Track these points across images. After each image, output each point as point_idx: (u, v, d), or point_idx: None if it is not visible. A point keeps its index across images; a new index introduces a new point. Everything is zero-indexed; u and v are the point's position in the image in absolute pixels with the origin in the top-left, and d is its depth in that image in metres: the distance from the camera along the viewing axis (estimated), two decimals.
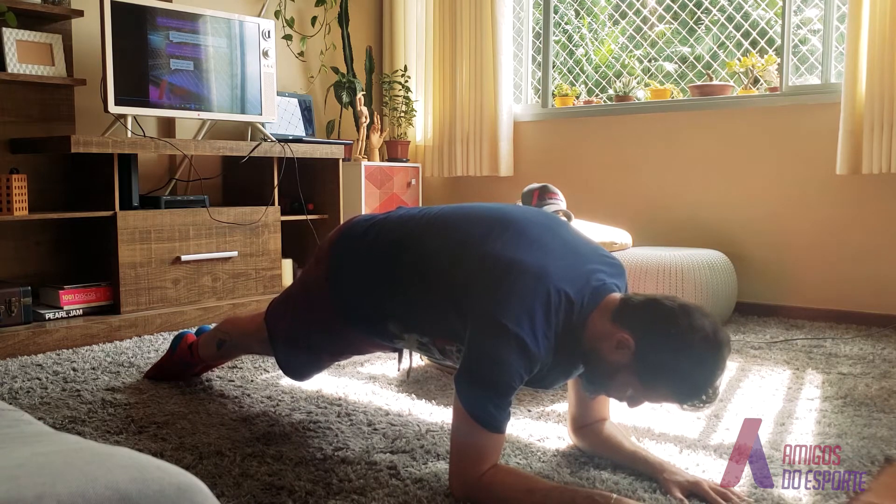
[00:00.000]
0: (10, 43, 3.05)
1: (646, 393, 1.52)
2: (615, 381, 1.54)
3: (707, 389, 1.48)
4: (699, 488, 1.55)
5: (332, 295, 1.85)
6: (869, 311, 3.37)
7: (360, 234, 1.83)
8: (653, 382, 1.50)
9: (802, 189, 3.52)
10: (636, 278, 3.35)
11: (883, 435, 1.92)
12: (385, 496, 1.56)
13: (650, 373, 1.49)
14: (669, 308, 1.49)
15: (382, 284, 1.75)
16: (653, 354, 1.47)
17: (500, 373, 1.48)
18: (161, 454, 1.80)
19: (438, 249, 1.68)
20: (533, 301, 1.50)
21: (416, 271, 1.69)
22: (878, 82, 3.15)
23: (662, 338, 1.47)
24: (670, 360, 1.46)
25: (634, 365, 1.49)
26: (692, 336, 1.46)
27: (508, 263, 1.55)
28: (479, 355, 1.51)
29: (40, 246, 3.24)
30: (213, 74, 3.52)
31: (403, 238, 1.75)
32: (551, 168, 4.20)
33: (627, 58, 4.46)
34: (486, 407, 1.49)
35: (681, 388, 1.48)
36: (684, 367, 1.46)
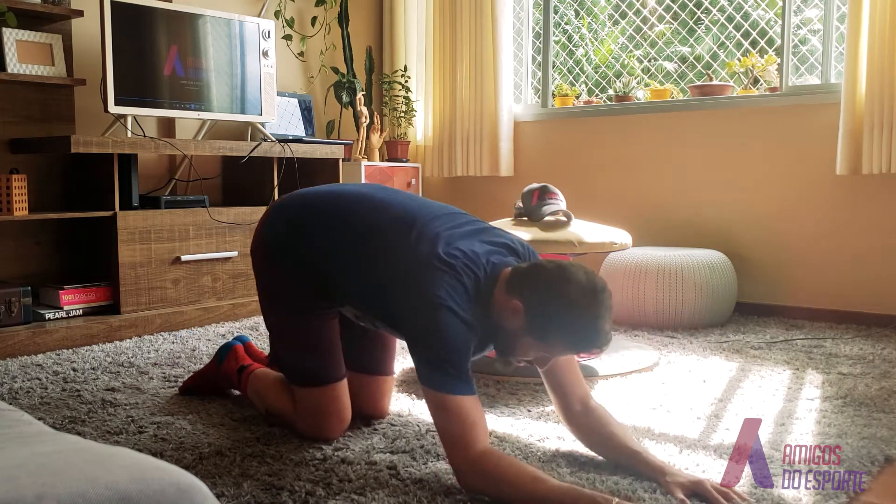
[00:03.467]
0: (10, 43, 3.05)
1: (547, 349, 1.64)
2: (518, 346, 1.66)
3: (596, 334, 1.59)
4: (701, 488, 1.56)
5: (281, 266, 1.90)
6: (869, 311, 3.37)
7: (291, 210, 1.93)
8: (547, 338, 1.61)
9: (802, 189, 3.52)
10: (636, 278, 3.35)
11: (883, 435, 1.92)
12: (385, 496, 1.56)
13: (542, 331, 1.61)
14: (548, 269, 1.64)
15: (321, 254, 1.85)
16: (540, 314, 1.60)
17: (447, 342, 1.58)
18: (161, 454, 1.80)
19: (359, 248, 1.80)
20: (450, 282, 1.63)
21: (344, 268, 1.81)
22: (878, 82, 3.15)
23: (545, 297, 1.60)
24: (555, 316, 1.59)
25: (527, 327, 1.62)
26: (569, 289, 1.59)
27: (426, 257, 1.68)
28: (422, 337, 1.62)
29: (40, 246, 3.24)
30: (213, 74, 3.52)
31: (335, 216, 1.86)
32: (551, 168, 4.20)
33: (627, 58, 4.46)
34: (448, 380, 1.57)
35: (572, 338, 1.61)
36: (569, 319, 1.59)
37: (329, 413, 1.89)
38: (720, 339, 3.10)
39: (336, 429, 1.90)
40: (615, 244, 2.62)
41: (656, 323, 3.32)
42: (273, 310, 1.97)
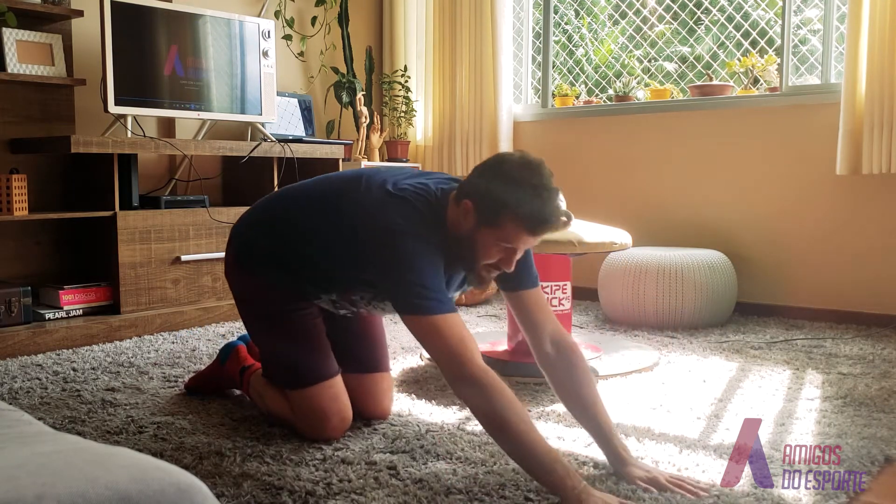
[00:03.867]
0: (10, 43, 3.05)
1: (504, 236, 1.65)
2: (479, 249, 1.68)
3: (542, 203, 1.63)
4: (657, 483, 1.60)
5: (254, 272, 1.95)
6: (869, 311, 3.37)
7: (248, 224, 2.01)
8: (499, 221, 1.64)
9: (802, 189, 3.52)
10: (636, 278, 3.35)
11: (883, 435, 1.92)
12: (385, 496, 1.56)
13: (492, 214, 1.64)
14: (487, 162, 1.72)
15: (288, 257, 1.90)
16: (486, 198, 1.65)
17: (415, 265, 1.63)
18: (161, 454, 1.80)
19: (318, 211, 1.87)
20: (404, 210, 1.70)
21: (308, 243, 1.86)
22: (878, 82, 3.15)
23: (487, 182, 1.67)
24: (500, 193, 1.63)
25: (479, 217, 1.66)
26: (506, 167, 1.67)
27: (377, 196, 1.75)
28: (391, 270, 1.67)
29: (40, 246, 3.24)
30: (213, 74, 3.52)
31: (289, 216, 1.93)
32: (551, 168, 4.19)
33: (627, 58, 4.46)
34: (423, 302, 1.61)
35: (521, 211, 1.62)
36: (513, 191, 1.63)
37: (328, 413, 1.88)
38: (720, 339, 3.10)
39: (337, 428, 1.90)
40: (615, 244, 2.62)
41: (656, 323, 3.32)
42: (256, 320, 1.99)
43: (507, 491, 1.59)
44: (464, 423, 2.03)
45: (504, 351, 2.75)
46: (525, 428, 1.51)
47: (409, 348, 2.91)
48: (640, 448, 1.84)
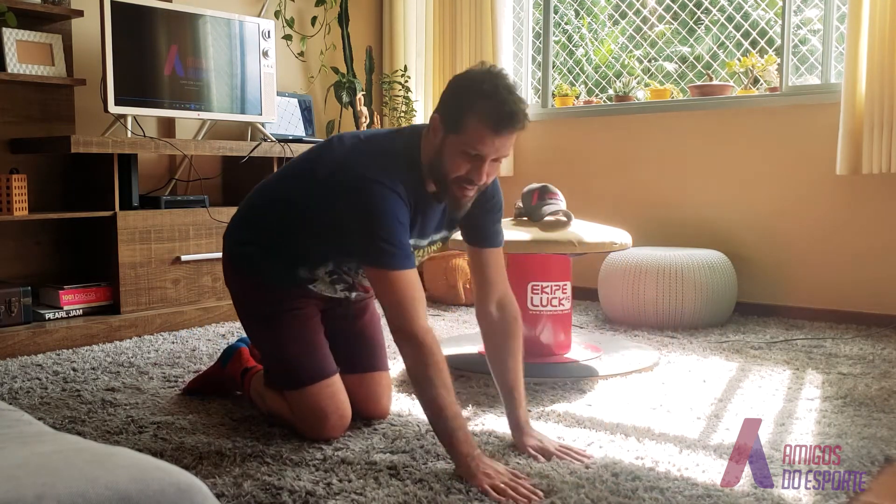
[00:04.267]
0: (10, 43, 3.05)
1: (470, 144, 1.67)
2: (447, 162, 1.71)
3: (502, 98, 1.65)
4: (545, 451, 1.77)
5: (248, 271, 1.97)
6: (869, 311, 3.37)
7: (236, 223, 2.03)
8: (464, 128, 1.67)
9: (802, 189, 3.52)
10: (636, 278, 3.35)
11: (883, 435, 1.92)
12: (385, 496, 1.56)
13: (457, 124, 1.68)
14: (452, 77, 1.78)
15: (276, 240, 1.92)
16: (449, 105, 1.71)
17: (381, 218, 1.68)
18: (161, 454, 1.80)
19: (294, 185, 1.92)
20: (374, 155, 1.77)
21: (290, 214, 1.89)
22: (878, 82, 3.15)
23: (451, 92, 1.73)
24: (462, 100, 1.69)
25: (444, 125, 1.71)
26: (466, 75, 1.73)
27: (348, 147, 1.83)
28: (358, 222, 1.71)
29: (40, 246, 3.24)
30: (213, 74, 3.52)
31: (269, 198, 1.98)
32: (551, 168, 4.20)
33: (627, 58, 4.46)
34: (385, 257, 1.68)
35: (484, 113, 1.65)
36: (472, 92, 1.67)
37: (326, 412, 1.88)
38: (720, 339, 3.10)
39: (336, 427, 1.90)
40: (615, 244, 2.62)
41: (656, 323, 3.32)
42: (253, 322, 2.00)
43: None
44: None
45: None
46: (442, 392, 1.64)
47: None
48: (640, 448, 1.84)
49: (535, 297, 2.67)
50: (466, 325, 3.38)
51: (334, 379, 1.93)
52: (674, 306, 3.28)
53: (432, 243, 1.97)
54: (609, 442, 1.88)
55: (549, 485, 1.61)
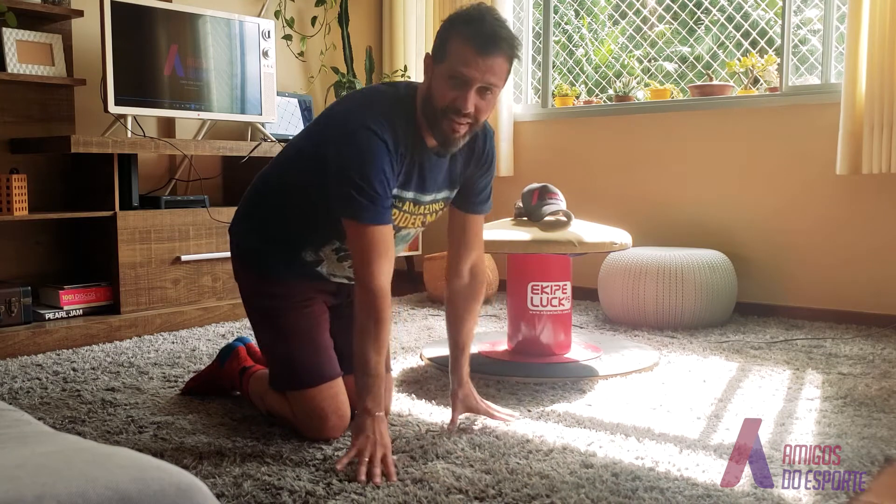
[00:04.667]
0: (10, 43, 3.05)
1: (454, 67, 1.68)
2: (435, 90, 1.72)
3: (486, 24, 1.67)
4: (473, 409, 1.99)
5: (253, 266, 1.98)
6: (869, 311, 3.37)
7: (238, 214, 2.04)
8: (449, 53, 1.69)
9: (802, 189, 3.52)
10: (636, 278, 3.35)
11: (883, 435, 1.92)
12: (385, 496, 1.56)
13: (442, 52, 1.71)
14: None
15: (279, 226, 1.93)
16: (437, 43, 1.74)
17: (359, 164, 1.68)
18: (161, 454, 1.80)
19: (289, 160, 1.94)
20: (366, 102, 1.79)
21: (290, 193, 1.89)
22: (878, 82, 3.15)
23: (441, 27, 1.75)
24: (446, 30, 1.71)
25: (434, 58, 1.73)
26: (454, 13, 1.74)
27: (348, 96, 1.90)
28: (339, 167, 1.72)
29: (40, 246, 3.24)
30: (213, 74, 3.52)
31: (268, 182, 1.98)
32: (551, 168, 4.20)
33: (627, 58, 4.46)
34: (360, 210, 1.69)
35: (465, 33, 1.67)
36: (456, 23, 1.70)
37: (327, 414, 1.88)
38: (720, 339, 3.10)
39: (336, 427, 1.89)
40: (615, 244, 2.62)
41: (656, 323, 3.32)
42: (260, 319, 1.99)
43: (507, 490, 1.59)
44: (463, 422, 2.03)
45: (504, 351, 2.75)
46: (372, 348, 1.71)
47: (409, 348, 2.91)
48: (640, 448, 1.84)
49: (535, 297, 2.67)
50: None
51: (336, 381, 1.92)
52: (674, 306, 3.28)
53: (435, 202, 1.92)
54: (609, 442, 1.88)
55: (550, 485, 1.61)
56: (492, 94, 1.73)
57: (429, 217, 1.94)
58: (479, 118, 1.75)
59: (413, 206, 1.86)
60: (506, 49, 1.69)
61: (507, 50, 1.70)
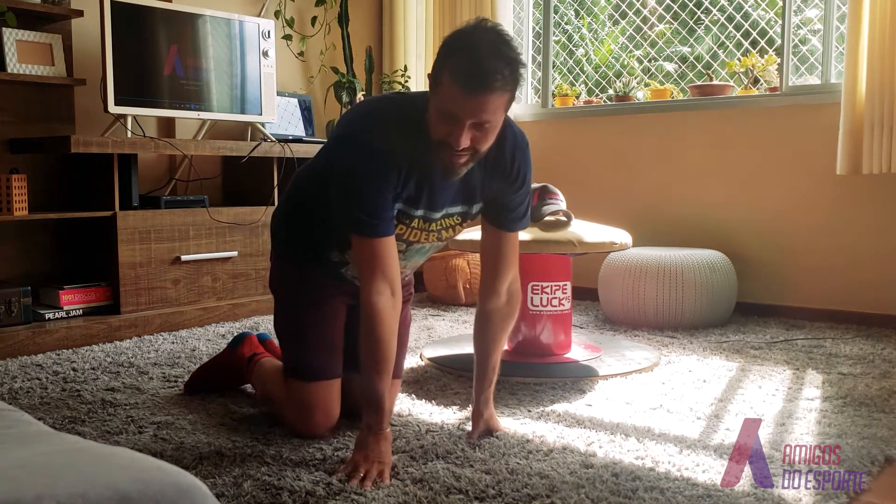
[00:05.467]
0: (10, 43, 3.05)
1: (444, 105, 1.60)
2: (431, 119, 1.65)
3: (479, 61, 1.55)
4: (484, 430, 1.92)
5: (285, 255, 2.00)
6: (869, 311, 3.37)
7: (278, 216, 2.05)
8: (440, 87, 1.60)
9: (802, 189, 3.52)
10: (636, 278, 3.35)
11: (883, 435, 1.92)
12: (385, 496, 1.56)
13: (436, 83, 1.62)
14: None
15: (309, 223, 1.92)
16: (436, 61, 1.63)
17: (354, 178, 1.67)
18: (161, 454, 1.80)
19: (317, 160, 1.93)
20: (367, 115, 1.76)
21: (316, 192, 1.87)
22: (878, 82, 3.15)
23: (444, 42, 1.65)
24: (445, 50, 1.62)
25: (432, 84, 1.64)
26: (457, 34, 1.64)
27: (359, 103, 1.89)
28: (336, 177, 1.72)
29: (40, 246, 3.24)
30: (212, 74, 3.52)
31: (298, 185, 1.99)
32: (551, 168, 4.19)
33: (627, 58, 4.46)
34: (360, 220, 1.68)
35: (455, 71, 1.57)
36: (451, 54, 1.60)
37: (314, 409, 1.89)
38: (720, 339, 3.10)
39: (321, 424, 1.90)
40: (615, 244, 2.62)
41: (656, 323, 3.32)
42: (282, 306, 2.01)
43: (507, 490, 1.59)
44: (464, 423, 2.03)
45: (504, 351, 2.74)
46: (373, 365, 1.67)
47: (409, 348, 2.91)
48: (641, 448, 1.84)
49: (535, 297, 2.67)
50: (466, 325, 3.38)
51: (332, 382, 1.93)
52: (674, 306, 3.28)
53: (448, 216, 1.84)
54: (609, 442, 1.88)
55: (550, 485, 1.61)
56: (490, 126, 1.62)
57: (445, 232, 1.88)
58: (480, 148, 1.65)
59: (423, 222, 1.81)
60: (499, 85, 1.55)
61: (501, 85, 1.56)
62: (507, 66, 1.56)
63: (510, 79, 1.58)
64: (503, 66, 1.56)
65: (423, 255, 1.96)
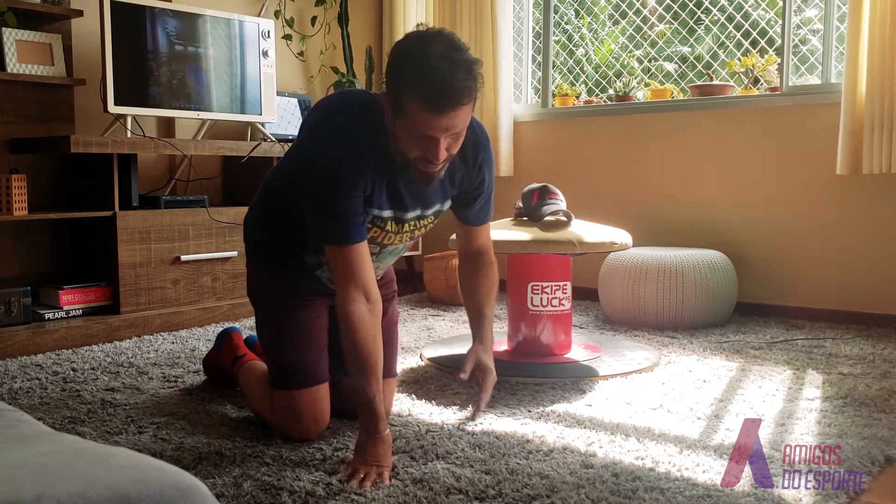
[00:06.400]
0: (10, 43, 3.05)
1: (414, 128, 1.59)
2: (401, 142, 1.64)
3: (441, 78, 1.53)
4: (483, 378, 2.06)
5: (261, 259, 1.99)
6: (869, 311, 3.37)
7: (252, 206, 2.05)
8: (406, 112, 1.58)
9: (802, 189, 3.52)
10: (636, 278, 3.35)
11: (883, 435, 1.92)
12: (385, 496, 1.56)
13: (399, 108, 1.59)
14: (394, 45, 1.65)
15: (280, 229, 1.92)
16: (391, 93, 1.61)
17: (324, 186, 1.67)
18: (161, 454, 1.80)
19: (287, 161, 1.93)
20: (325, 117, 1.73)
21: (287, 193, 1.87)
22: (878, 82, 3.15)
23: (392, 66, 1.62)
24: (399, 82, 1.58)
25: (391, 107, 1.62)
26: (406, 46, 1.61)
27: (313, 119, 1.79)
28: (302, 182, 1.73)
29: (40, 246, 3.24)
30: (212, 74, 3.52)
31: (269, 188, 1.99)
32: (551, 168, 4.20)
33: (627, 58, 4.46)
34: (332, 230, 1.69)
35: (418, 94, 1.55)
36: (409, 76, 1.56)
37: (302, 416, 1.88)
38: (720, 339, 3.10)
39: (309, 430, 1.89)
40: (615, 244, 2.62)
41: (656, 323, 3.32)
42: (261, 314, 2.00)
43: (507, 490, 1.59)
44: (464, 423, 2.03)
45: (504, 351, 2.75)
46: (358, 370, 1.68)
47: (410, 348, 2.91)
48: (641, 448, 1.84)
49: (535, 297, 2.67)
50: (466, 326, 3.38)
51: (319, 387, 1.92)
52: (674, 306, 3.28)
53: (423, 217, 1.87)
54: (609, 442, 1.88)
55: (550, 485, 1.61)
56: (461, 130, 1.64)
57: (417, 231, 1.90)
58: (454, 152, 1.68)
59: (395, 224, 1.82)
60: (465, 97, 1.56)
61: (468, 95, 1.56)
62: (467, 75, 1.56)
63: (473, 85, 1.58)
64: (464, 77, 1.55)
65: (396, 256, 1.97)
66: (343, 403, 1.99)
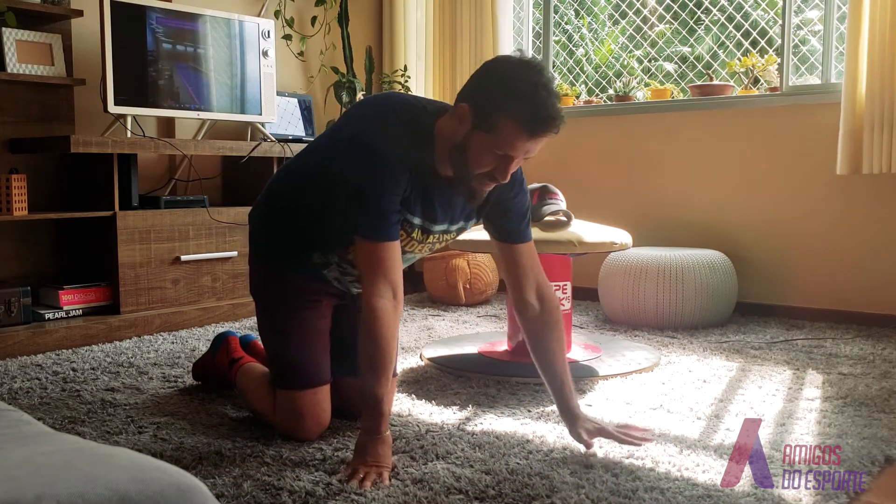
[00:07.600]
0: (10, 43, 3.05)
1: (500, 144, 1.62)
2: (472, 156, 1.65)
3: (539, 101, 1.58)
4: (605, 433, 1.81)
5: (265, 259, 1.97)
6: (869, 311, 3.37)
7: (259, 202, 2.02)
8: (496, 128, 1.61)
9: (802, 189, 3.52)
10: (636, 278, 3.35)
11: (883, 435, 1.92)
12: (385, 496, 1.56)
13: (488, 122, 1.61)
14: (484, 64, 1.70)
15: (288, 227, 1.91)
16: (482, 98, 1.63)
17: (369, 183, 1.66)
18: (161, 454, 1.80)
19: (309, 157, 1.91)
20: (375, 116, 1.73)
21: (302, 197, 1.87)
22: (878, 82, 3.15)
23: (484, 83, 1.65)
24: (496, 92, 1.61)
25: (474, 119, 1.63)
26: (505, 66, 1.65)
27: (362, 101, 1.83)
28: (344, 178, 1.71)
29: (40, 246, 3.24)
30: (212, 74, 3.52)
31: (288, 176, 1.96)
32: (551, 168, 4.19)
33: (627, 58, 4.46)
34: (368, 223, 1.68)
35: (520, 116, 1.59)
36: (508, 89, 1.60)
37: (304, 417, 1.88)
38: (720, 339, 3.10)
39: (310, 431, 1.89)
40: (615, 244, 2.62)
41: (656, 323, 3.32)
42: (263, 314, 1.99)
43: (507, 491, 1.59)
44: (464, 423, 2.03)
45: (504, 351, 2.75)
46: (371, 369, 1.65)
47: (409, 348, 2.91)
48: (641, 448, 1.84)
49: None
50: (466, 325, 3.38)
51: (321, 388, 1.92)
52: (674, 306, 3.28)
53: (447, 232, 1.88)
54: (609, 442, 1.88)
55: (549, 485, 1.61)
56: (532, 157, 1.70)
57: (438, 244, 1.90)
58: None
59: (421, 233, 1.82)
60: (558, 127, 1.62)
61: (559, 127, 1.62)
62: (559, 102, 1.63)
63: (563, 120, 1.64)
64: (560, 109, 1.63)
65: (408, 263, 1.97)
66: (343, 403, 1.99)
